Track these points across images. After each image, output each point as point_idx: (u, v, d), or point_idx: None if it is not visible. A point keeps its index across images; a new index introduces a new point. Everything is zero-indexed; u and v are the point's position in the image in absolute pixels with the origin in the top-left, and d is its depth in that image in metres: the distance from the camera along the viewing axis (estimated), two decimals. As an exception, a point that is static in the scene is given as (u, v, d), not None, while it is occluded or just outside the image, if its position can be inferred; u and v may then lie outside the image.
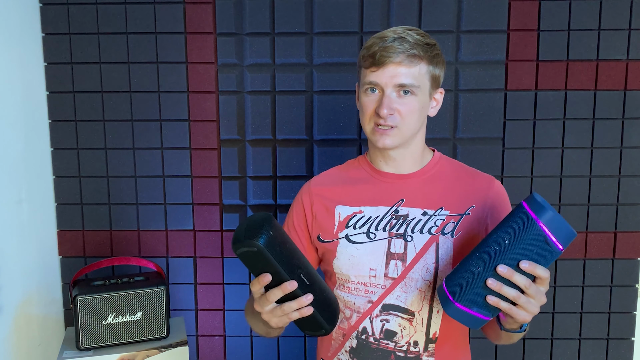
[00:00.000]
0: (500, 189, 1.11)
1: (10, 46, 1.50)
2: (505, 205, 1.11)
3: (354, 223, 1.09)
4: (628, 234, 1.69)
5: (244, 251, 0.86)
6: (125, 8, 1.63)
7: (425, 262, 1.04)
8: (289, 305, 0.91)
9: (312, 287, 0.93)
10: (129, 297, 1.43)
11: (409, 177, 1.10)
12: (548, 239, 0.85)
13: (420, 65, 1.01)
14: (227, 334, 1.77)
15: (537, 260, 0.87)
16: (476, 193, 1.09)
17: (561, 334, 1.73)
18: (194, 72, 1.66)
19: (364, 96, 1.04)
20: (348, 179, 1.14)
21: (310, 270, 0.95)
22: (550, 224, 0.85)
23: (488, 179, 1.12)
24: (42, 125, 1.66)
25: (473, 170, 1.15)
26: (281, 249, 0.88)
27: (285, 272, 0.88)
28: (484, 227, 1.07)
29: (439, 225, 1.05)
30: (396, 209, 1.07)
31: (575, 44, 1.62)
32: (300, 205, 1.16)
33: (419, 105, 1.03)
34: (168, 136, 1.68)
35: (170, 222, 1.72)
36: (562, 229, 0.86)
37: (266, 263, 0.87)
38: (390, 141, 1.03)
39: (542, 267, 0.87)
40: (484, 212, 1.07)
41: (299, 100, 1.67)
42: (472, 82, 1.64)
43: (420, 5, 1.62)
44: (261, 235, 0.85)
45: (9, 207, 1.49)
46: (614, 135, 1.65)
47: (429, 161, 1.12)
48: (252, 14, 1.63)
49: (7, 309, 1.46)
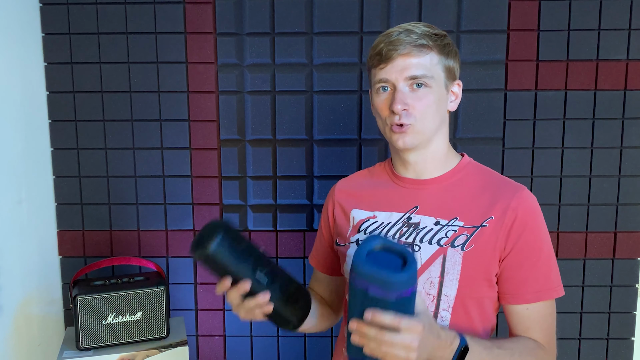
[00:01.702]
0: (527, 197, 0.99)
1: (10, 46, 1.50)
2: (531, 218, 0.98)
3: (365, 228, 1.04)
4: (628, 234, 1.69)
5: (199, 257, 0.91)
6: (125, 8, 1.63)
7: (430, 275, 0.97)
8: (247, 303, 0.93)
9: (272, 285, 0.95)
10: (129, 297, 1.43)
11: (428, 182, 1.03)
12: (369, 290, 0.79)
13: (431, 54, 0.96)
14: (227, 334, 1.77)
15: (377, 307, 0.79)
16: (498, 203, 0.97)
17: (561, 334, 1.73)
18: (194, 72, 1.66)
19: (376, 97, 0.99)
20: (370, 182, 1.10)
21: (271, 268, 0.97)
22: (363, 279, 0.79)
23: (515, 187, 1.00)
24: (42, 125, 1.66)
25: (503, 178, 1.05)
26: (234, 252, 0.91)
27: (240, 274, 0.92)
28: (502, 241, 0.96)
29: (449, 236, 0.97)
30: (409, 216, 1.01)
31: (575, 44, 1.62)
32: (325, 209, 1.15)
33: (434, 98, 0.96)
34: (168, 136, 1.68)
35: (170, 222, 1.72)
36: (379, 280, 0.78)
37: (220, 266, 0.91)
38: (408, 140, 0.96)
39: (389, 314, 0.79)
40: (505, 224, 0.96)
41: (299, 100, 1.67)
42: (472, 82, 1.64)
43: (420, 5, 1.62)
44: (212, 240, 0.88)
45: (9, 207, 1.49)
46: (614, 135, 1.65)
47: (454, 166, 1.04)
48: (252, 14, 1.63)
49: (7, 309, 1.46)
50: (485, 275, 0.98)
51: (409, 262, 0.80)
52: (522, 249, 0.97)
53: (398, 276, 0.79)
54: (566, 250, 1.69)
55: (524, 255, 0.97)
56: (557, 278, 1.02)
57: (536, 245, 0.98)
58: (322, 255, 1.17)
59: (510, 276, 0.98)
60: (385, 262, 0.80)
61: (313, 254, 1.21)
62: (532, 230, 0.98)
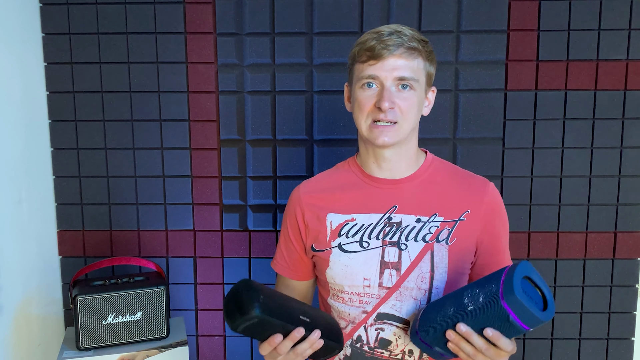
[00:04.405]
0: (494, 192, 1.08)
1: (10, 46, 1.49)
2: (500, 209, 1.09)
3: (346, 231, 1.05)
4: (628, 234, 1.69)
5: (245, 326, 0.87)
6: (125, 8, 1.63)
7: (421, 271, 1.02)
8: (302, 347, 0.93)
9: (315, 322, 0.94)
10: (129, 297, 1.43)
11: (402, 182, 1.07)
12: (511, 317, 0.82)
13: (419, 60, 1.00)
14: (227, 334, 1.77)
15: (501, 329, 0.85)
16: (471, 197, 1.06)
17: (561, 334, 1.73)
18: (194, 72, 1.66)
19: (360, 91, 1.01)
20: (338, 184, 1.10)
21: (303, 306, 0.97)
22: (514, 307, 0.82)
23: (482, 182, 1.09)
24: (42, 125, 1.66)
25: (467, 172, 1.12)
26: (276, 306, 0.90)
27: (290, 324, 0.90)
28: (478, 232, 1.05)
29: (433, 232, 1.03)
30: (389, 216, 1.04)
31: (575, 44, 1.62)
32: (293, 216, 1.13)
33: (417, 101, 1.01)
34: (168, 136, 1.68)
35: (170, 222, 1.72)
36: (526, 314, 0.82)
37: (271, 326, 0.89)
38: (389, 138, 0.99)
39: (506, 339, 0.85)
40: (479, 217, 1.05)
41: (299, 100, 1.67)
42: (472, 82, 1.64)
43: (420, 5, 1.62)
44: (254, 304, 0.86)
45: (9, 207, 1.49)
46: (614, 135, 1.65)
47: (422, 164, 1.09)
48: (252, 14, 1.63)
49: (7, 309, 1.46)
50: (467, 264, 1.07)
51: (549, 305, 0.86)
52: (495, 238, 1.08)
53: (544, 316, 0.83)
54: (566, 250, 1.69)
55: (497, 243, 1.08)
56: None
57: (504, 233, 1.10)
58: (293, 263, 1.15)
59: (485, 262, 1.08)
60: (531, 296, 0.85)
61: (281, 263, 1.17)
62: (501, 220, 1.09)
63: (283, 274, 1.17)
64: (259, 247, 1.73)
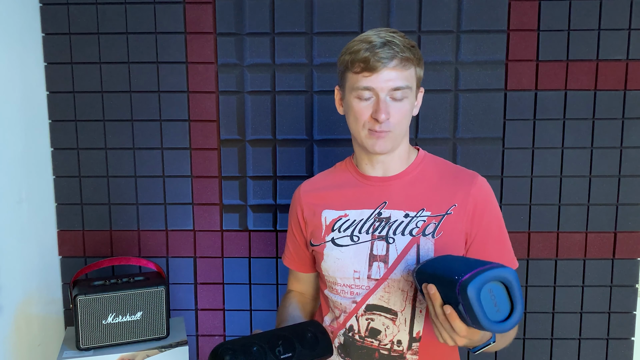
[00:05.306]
0: (483, 184, 1.09)
1: (10, 46, 1.50)
2: (489, 201, 1.09)
3: (339, 226, 1.11)
4: (628, 234, 1.69)
5: None
6: (125, 8, 1.63)
7: (407, 264, 1.05)
8: None
9: (299, 349, 0.97)
10: (129, 297, 1.43)
11: (393, 179, 1.10)
12: (460, 306, 0.84)
13: (411, 69, 1.02)
14: (227, 334, 1.77)
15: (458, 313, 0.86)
16: (458, 191, 1.07)
17: (561, 334, 1.73)
18: (194, 72, 1.66)
19: (356, 102, 1.04)
20: (335, 183, 1.16)
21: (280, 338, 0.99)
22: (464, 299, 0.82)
23: (470, 175, 1.10)
24: (42, 125, 1.66)
25: (457, 167, 1.14)
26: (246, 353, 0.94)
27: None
28: (466, 225, 1.06)
29: (420, 226, 1.06)
30: (379, 212, 1.09)
31: (575, 44, 1.62)
32: (294, 214, 1.20)
33: (410, 107, 1.05)
34: (168, 136, 1.68)
35: (170, 222, 1.72)
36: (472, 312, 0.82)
37: None
38: (384, 146, 1.04)
39: (461, 323, 0.86)
40: (466, 210, 1.06)
41: (299, 100, 1.67)
42: (472, 82, 1.64)
43: (420, 5, 1.62)
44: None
45: (9, 207, 1.49)
46: (614, 135, 1.65)
47: (413, 161, 1.12)
48: (252, 14, 1.63)
49: (7, 309, 1.46)
50: None
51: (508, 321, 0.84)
52: (486, 230, 1.07)
53: (489, 324, 0.82)
54: (566, 250, 1.69)
55: (488, 235, 1.08)
56: (512, 251, 1.12)
57: (496, 225, 1.09)
58: (299, 257, 1.24)
59: (477, 254, 1.08)
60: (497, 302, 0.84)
61: (289, 257, 1.26)
62: (491, 212, 1.09)
63: (292, 267, 1.27)
64: (259, 247, 1.73)
